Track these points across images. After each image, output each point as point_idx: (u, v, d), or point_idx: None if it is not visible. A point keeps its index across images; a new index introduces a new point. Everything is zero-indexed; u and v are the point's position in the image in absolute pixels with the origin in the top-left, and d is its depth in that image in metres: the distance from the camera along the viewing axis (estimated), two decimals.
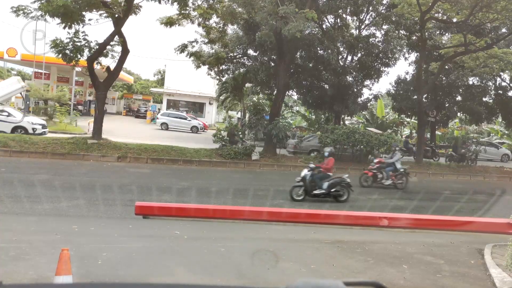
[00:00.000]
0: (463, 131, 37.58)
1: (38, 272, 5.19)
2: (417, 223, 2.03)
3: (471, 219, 2.14)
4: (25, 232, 7.22)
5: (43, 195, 9.73)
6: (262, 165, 18.67)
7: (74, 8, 15.06)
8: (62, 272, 4.08)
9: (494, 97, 28.83)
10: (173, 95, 44.51)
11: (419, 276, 6.31)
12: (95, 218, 8.67)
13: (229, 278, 5.54)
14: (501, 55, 21.42)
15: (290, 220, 2.15)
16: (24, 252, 5.98)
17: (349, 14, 24.08)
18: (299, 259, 6.66)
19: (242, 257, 6.72)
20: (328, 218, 2.05)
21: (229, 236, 7.67)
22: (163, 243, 7.17)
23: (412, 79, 26.37)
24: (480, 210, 11.07)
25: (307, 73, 23.87)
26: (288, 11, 15.32)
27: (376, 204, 12.42)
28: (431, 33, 24.04)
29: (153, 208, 2.24)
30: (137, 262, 6.08)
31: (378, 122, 33.41)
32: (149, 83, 61.50)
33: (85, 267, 5.56)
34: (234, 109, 49.00)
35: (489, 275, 6.28)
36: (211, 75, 27.67)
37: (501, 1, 18.06)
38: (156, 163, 16.82)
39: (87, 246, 6.59)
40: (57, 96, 28.33)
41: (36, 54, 30.07)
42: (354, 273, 6.09)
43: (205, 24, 18.87)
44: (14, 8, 15.14)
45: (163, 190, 11.76)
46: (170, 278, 5.36)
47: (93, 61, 17.22)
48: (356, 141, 19.66)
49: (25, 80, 25.74)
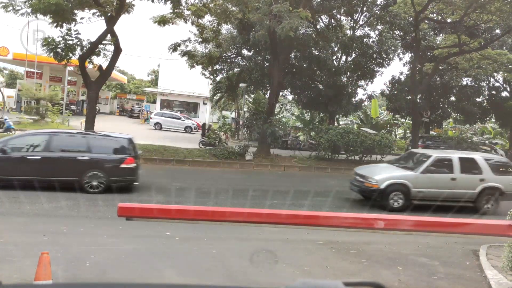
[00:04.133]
0: (457, 132, 37.68)
1: (22, 275, 5.03)
2: (415, 225, 1.92)
3: (470, 221, 2.04)
4: (12, 233, 7.04)
5: (39, 195, 9.53)
6: (256, 165, 18.55)
7: (65, 6, 14.84)
8: (41, 277, 3.87)
9: (487, 97, 28.96)
10: (167, 95, 44.27)
11: (414, 277, 6.21)
12: (84, 219, 8.51)
13: (220, 281, 5.41)
14: (494, 56, 21.48)
15: (288, 222, 2.04)
16: (9, 254, 5.81)
17: (343, 15, 24.05)
18: (292, 261, 6.54)
19: (234, 259, 6.59)
20: (326, 220, 1.94)
21: (221, 236, 7.53)
22: (154, 245, 7.02)
23: (407, 79, 26.39)
24: (479, 211, 11.05)
25: (301, 73, 23.79)
26: (281, 9, 15.21)
27: None
28: (425, 34, 24.06)
29: (134, 209, 2.10)
30: (126, 264, 5.93)
31: (373, 123, 33.40)
32: (142, 83, 61.26)
33: (72, 269, 5.41)
34: (228, 109, 48.85)
35: (485, 277, 6.20)
36: (205, 75, 27.51)
37: (495, 2, 18.08)
38: (148, 163, 16.62)
39: (75, 247, 6.44)
40: (49, 96, 28.06)
41: (28, 53, 29.77)
42: (348, 275, 5.98)
43: (199, 23, 18.72)
44: (2, 4, 14.92)
45: (155, 191, 11.60)
46: (159, 281, 5.22)
47: (85, 60, 16.99)
48: (350, 141, 19.59)
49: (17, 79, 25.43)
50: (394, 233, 1.94)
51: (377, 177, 11.28)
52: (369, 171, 12.00)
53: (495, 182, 11.39)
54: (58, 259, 5.37)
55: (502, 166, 12.23)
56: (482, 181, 11.33)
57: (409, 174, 11.34)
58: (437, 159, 11.57)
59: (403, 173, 11.55)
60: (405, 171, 11.65)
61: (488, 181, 11.33)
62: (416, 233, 2.10)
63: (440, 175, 11.36)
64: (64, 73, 34.02)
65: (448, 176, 11.31)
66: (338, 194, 12.93)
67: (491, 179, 11.38)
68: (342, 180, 17.08)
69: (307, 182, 16.37)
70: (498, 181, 11.43)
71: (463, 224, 2.01)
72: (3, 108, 19.44)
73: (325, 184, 15.86)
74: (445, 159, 11.75)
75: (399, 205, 10.92)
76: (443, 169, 11.49)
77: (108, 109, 48.65)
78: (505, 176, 11.79)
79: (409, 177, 11.20)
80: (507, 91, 29.28)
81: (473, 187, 11.27)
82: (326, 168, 19.21)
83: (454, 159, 11.50)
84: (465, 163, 11.56)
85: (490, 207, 11.31)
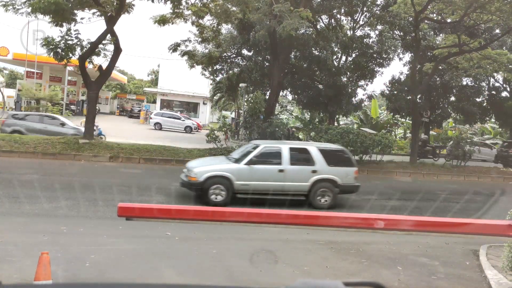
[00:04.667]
0: (457, 132, 37.69)
1: (22, 275, 5.03)
2: (415, 225, 1.92)
3: (470, 221, 2.04)
4: (12, 233, 7.04)
5: (32, 195, 9.54)
6: None
7: (65, 6, 14.86)
8: (41, 277, 3.86)
9: (487, 97, 28.96)
10: (167, 95, 44.29)
11: (414, 278, 6.21)
12: (84, 219, 8.51)
13: (220, 281, 5.41)
14: (494, 56, 21.46)
15: (288, 222, 2.04)
16: (9, 254, 5.80)
17: (343, 15, 24.06)
18: (292, 261, 6.54)
19: (234, 259, 6.59)
20: (326, 220, 1.94)
21: (221, 236, 7.53)
22: (154, 245, 7.02)
23: (406, 79, 26.38)
24: (478, 211, 11.00)
25: (301, 73, 23.80)
26: (282, 9, 15.22)
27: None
28: (425, 34, 24.06)
29: (134, 209, 2.10)
30: (126, 264, 5.93)
31: (373, 123, 33.41)
32: (142, 83, 61.27)
33: (72, 269, 5.40)
34: (228, 109, 48.87)
35: (485, 277, 6.19)
36: (205, 75, 27.54)
37: (495, 2, 18.07)
38: (148, 163, 16.64)
39: (75, 247, 6.43)
40: (49, 96, 28.12)
41: (28, 53, 29.77)
42: (348, 275, 5.98)
43: (199, 23, 18.72)
44: (2, 3, 14.93)
45: (154, 191, 11.60)
46: (159, 281, 5.22)
47: (85, 60, 17.01)
48: (350, 142, 19.58)
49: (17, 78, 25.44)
50: (394, 233, 1.94)
51: (197, 169, 10.33)
52: (195, 164, 11.09)
53: (329, 174, 10.58)
54: (58, 259, 5.37)
55: (340, 157, 11.24)
56: (314, 173, 10.49)
57: (232, 166, 10.48)
58: (264, 149, 10.71)
59: (225, 165, 10.68)
60: (229, 163, 10.81)
61: (322, 173, 10.51)
62: (416, 233, 2.10)
63: (266, 166, 10.48)
64: (64, 73, 34.05)
65: (275, 168, 10.42)
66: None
67: (325, 171, 10.53)
68: None
69: None
70: (333, 173, 10.61)
71: (463, 224, 2.01)
72: (3, 108, 19.42)
73: None
74: (274, 150, 10.85)
75: (221, 198, 10.08)
76: (270, 161, 10.59)
77: (108, 109, 48.65)
78: (341, 167, 10.89)
79: (232, 170, 10.33)
80: (507, 91, 29.29)
81: (305, 180, 10.43)
82: None
83: (284, 150, 10.61)
84: (295, 153, 10.73)
85: (326, 201, 10.54)
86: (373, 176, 18.84)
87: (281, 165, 10.42)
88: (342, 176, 10.73)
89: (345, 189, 10.90)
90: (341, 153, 11.52)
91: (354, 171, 11.03)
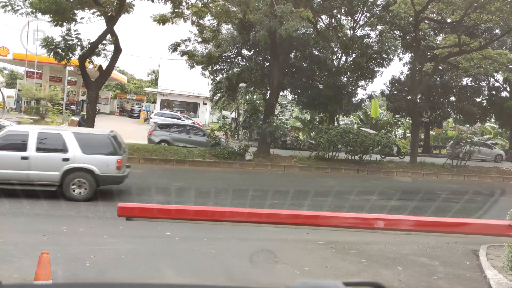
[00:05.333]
0: (457, 131, 37.70)
1: (22, 275, 5.03)
2: (415, 225, 1.92)
3: (470, 221, 2.04)
4: (10, 233, 7.04)
5: (39, 195, 9.52)
6: (256, 165, 18.54)
7: (66, 6, 14.85)
8: (41, 277, 3.87)
9: (487, 97, 28.97)
10: (167, 95, 44.26)
11: (414, 278, 6.21)
12: (84, 219, 8.51)
13: (220, 281, 5.41)
14: (495, 56, 21.48)
15: (288, 222, 2.04)
16: (9, 254, 5.80)
17: (344, 15, 24.02)
18: (292, 261, 6.53)
19: (233, 259, 6.59)
20: (326, 220, 1.94)
21: (221, 236, 7.53)
22: (154, 245, 7.02)
23: (407, 79, 26.40)
24: (478, 211, 11.00)
25: (301, 73, 23.77)
26: (285, 10, 15.21)
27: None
28: (425, 34, 24.07)
29: (134, 209, 2.10)
30: (126, 264, 5.93)
31: (373, 123, 33.39)
32: (142, 83, 61.25)
33: (72, 269, 5.40)
34: (228, 109, 48.87)
35: (485, 277, 6.19)
36: (205, 75, 27.51)
37: (495, 2, 18.07)
38: (148, 163, 16.64)
39: (75, 247, 6.44)
40: (49, 96, 28.03)
41: (28, 53, 29.77)
42: (348, 275, 5.97)
43: (199, 23, 18.72)
44: (2, 3, 14.90)
45: (155, 191, 11.60)
46: (159, 281, 5.22)
47: (85, 60, 17.00)
48: (350, 142, 19.58)
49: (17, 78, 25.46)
50: (394, 233, 1.94)
51: None
52: None
53: (84, 162, 9.67)
54: (58, 259, 5.37)
55: (100, 144, 10.22)
56: (66, 161, 9.58)
57: None
58: (8, 133, 9.91)
59: None
60: None
61: (75, 162, 9.62)
62: (416, 233, 2.09)
63: (9, 153, 9.49)
64: (64, 73, 34.04)
65: (18, 154, 9.44)
66: (338, 194, 12.93)
67: (79, 159, 9.63)
68: (342, 180, 17.14)
69: (307, 182, 16.38)
70: (90, 161, 9.70)
71: (463, 224, 2.01)
72: (3, 108, 19.41)
73: (325, 184, 15.85)
74: (20, 134, 9.94)
75: None
76: (14, 146, 9.64)
77: (108, 109, 48.62)
78: (100, 156, 9.92)
79: None
80: (507, 91, 29.31)
81: (55, 169, 9.50)
82: (326, 168, 19.20)
83: (31, 135, 9.59)
84: (45, 139, 9.75)
85: (80, 193, 9.63)
86: (373, 176, 18.86)
87: (25, 151, 9.46)
88: (101, 165, 9.77)
89: (106, 179, 9.94)
90: (102, 140, 10.34)
91: (116, 160, 9.89)
